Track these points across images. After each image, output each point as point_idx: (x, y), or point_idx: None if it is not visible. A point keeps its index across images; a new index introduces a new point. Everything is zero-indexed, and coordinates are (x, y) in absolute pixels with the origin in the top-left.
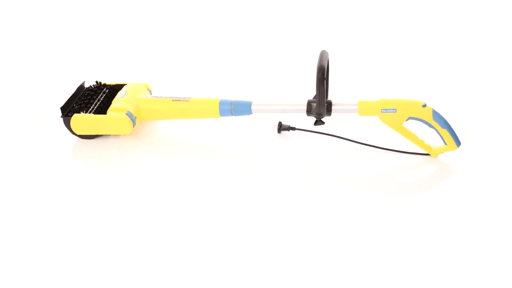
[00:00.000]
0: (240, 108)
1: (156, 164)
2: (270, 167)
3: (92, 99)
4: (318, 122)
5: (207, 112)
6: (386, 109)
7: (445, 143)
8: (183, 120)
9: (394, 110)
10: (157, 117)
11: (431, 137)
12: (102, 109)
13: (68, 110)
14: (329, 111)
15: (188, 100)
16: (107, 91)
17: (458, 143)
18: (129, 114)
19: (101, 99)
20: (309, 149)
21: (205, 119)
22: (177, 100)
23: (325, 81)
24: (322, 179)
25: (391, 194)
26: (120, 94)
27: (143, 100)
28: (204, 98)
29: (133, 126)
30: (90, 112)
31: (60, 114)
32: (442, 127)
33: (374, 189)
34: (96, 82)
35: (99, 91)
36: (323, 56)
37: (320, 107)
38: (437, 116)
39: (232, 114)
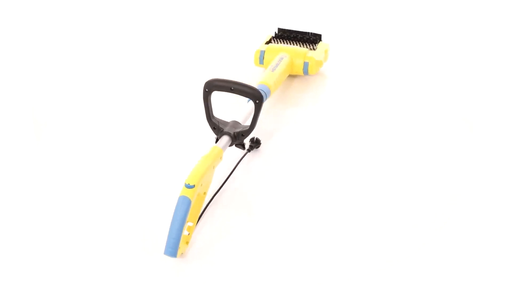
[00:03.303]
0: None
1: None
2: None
3: (290, 39)
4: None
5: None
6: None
7: None
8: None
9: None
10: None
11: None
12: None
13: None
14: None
15: (272, 71)
16: (304, 44)
17: (166, 250)
18: (261, 53)
19: (290, 43)
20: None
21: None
22: (274, 68)
23: (208, 96)
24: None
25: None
26: (290, 45)
27: (275, 55)
28: (273, 78)
29: (259, 64)
30: (272, 42)
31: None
32: None
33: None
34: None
35: (301, 41)
36: (231, 80)
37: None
38: (179, 206)
39: None
